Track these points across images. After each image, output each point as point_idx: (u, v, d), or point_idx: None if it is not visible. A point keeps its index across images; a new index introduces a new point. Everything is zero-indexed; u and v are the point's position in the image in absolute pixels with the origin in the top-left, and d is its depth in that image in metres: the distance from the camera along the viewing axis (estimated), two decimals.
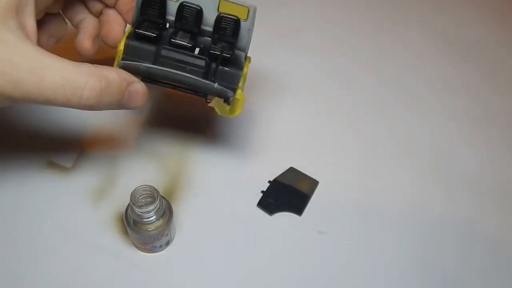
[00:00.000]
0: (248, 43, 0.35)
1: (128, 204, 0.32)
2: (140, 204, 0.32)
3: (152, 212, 0.32)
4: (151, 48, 0.33)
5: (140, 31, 0.32)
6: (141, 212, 0.31)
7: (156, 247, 0.35)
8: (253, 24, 0.34)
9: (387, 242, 0.40)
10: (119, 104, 0.30)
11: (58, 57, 0.26)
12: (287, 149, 0.45)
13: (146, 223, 0.32)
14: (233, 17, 0.33)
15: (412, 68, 0.56)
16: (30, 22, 0.27)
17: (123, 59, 0.32)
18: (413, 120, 0.50)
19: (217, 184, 0.41)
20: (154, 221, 0.32)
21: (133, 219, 0.33)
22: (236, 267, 0.37)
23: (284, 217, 0.40)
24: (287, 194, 0.41)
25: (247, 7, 0.33)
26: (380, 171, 0.45)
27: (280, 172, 0.42)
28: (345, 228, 0.40)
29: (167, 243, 0.36)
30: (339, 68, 0.54)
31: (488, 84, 0.56)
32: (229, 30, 0.33)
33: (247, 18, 0.33)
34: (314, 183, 0.42)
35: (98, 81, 0.27)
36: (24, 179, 0.39)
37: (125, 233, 0.36)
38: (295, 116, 0.48)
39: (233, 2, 0.33)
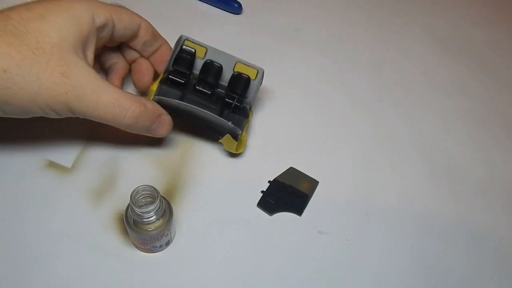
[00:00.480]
0: (254, 97, 0.42)
1: (128, 204, 0.32)
2: (140, 204, 0.32)
3: (152, 212, 0.32)
4: (177, 91, 0.41)
5: (172, 77, 0.41)
6: (141, 212, 0.31)
7: (156, 247, 0.35)
8: (261, 83, 0.42)
9: (387, 242, 0.40)
10: (148, 129, 0.37)
11: (111, 84, 0.34)
12: (287, 149, 0.45)
13: (146, 223, 0.32)
14: (245, 75, 0.41)
15: (412, 68, 0.56)
16: (90, 55, 0.35)
17: (156, 94, 0.40)
18: (413, 120, 0.50)
19: (217, 184, 0.41)
20: (154, 221, 0.32)
21: (133, 219, 0.33)
22: (236, 267, 0.37)
23: (284, 217, 0.40)
24: (287, 194, 0.41)
25: (256, 69, 0.41)
26: (380, 171, 0.45)
27: (280, 172, 0.43)
28: (345, 228, 0.40)
29: (167, 243, 0.36)
30: (340, 68, 0.54)
31: (489, 84, 0.56)
32: (241, 85, 0.41)
33: (255, 78, 0.41)
34: (314, 183, 0.42)
35: (139, 106, 0.35)
36: (24, 179, 0.39)
37: (125, 233, 0.36)
38: (295, 116, 0.48)
39: (246, 64, 0.41)
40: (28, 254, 0.35)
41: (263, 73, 0.41)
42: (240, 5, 0.59)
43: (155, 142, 0.43)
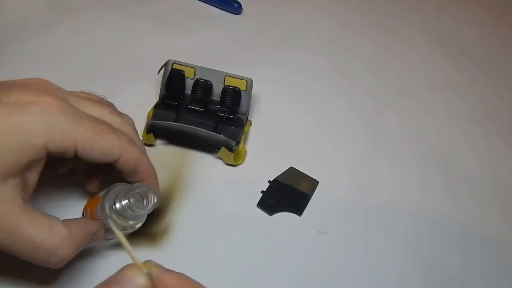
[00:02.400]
0: (248, 108, 0.43)
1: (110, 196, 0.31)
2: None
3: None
4: (172, 113, 0.43)
5: (165, 100, 0.43)
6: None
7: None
8: (251, 93, 0.43)
9: (387, 242, 0.40)
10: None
11: (39, 216, 0.28)
12: (287, 149, 0.45)
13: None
14: (235, 88, 0.42)
15: (413, 67, 0.56)
16: (33, 177, 0.28)
17: (152, 119, 0.42)
18: (414, 119, 0.50)
19: (217, 184, 0.41)
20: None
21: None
22: (236, 267, 0.36)
23: (284, 217, 0.40)
24: (287, 194, 0.41)
25: (246, 80, 0.42)
26: (380, 171, 0.45)
27: (280, 172, 0.42)
28: (345, 228, 0.40)
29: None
30: (340, 68, 0.55)
31: (486, 84, 0.56)
32: (232, 98, 0.43)
33: (246, 89, 0.42)
34: (314, 183, 0.42)
35: (69, 248, 0.28)
36: None
37: None
38: (295, 116, 0.48)
39: (234, 77, 0.42)
40: None
41: (252, 82, 0.42)
42: (240, 5, 0.59)
43: (155, 141, 0.43)
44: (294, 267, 0.37)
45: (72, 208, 0.37)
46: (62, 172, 0.35)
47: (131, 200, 0.31)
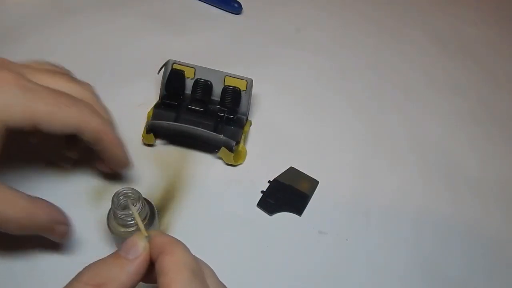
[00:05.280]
0: (248, 108, 0.43)
1: (110, 208, 0.32)
2: (121, 206, 0.32)
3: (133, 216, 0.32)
4: (172, 113, 0.43)
5: (165, 100, 0.43)
6: (122, 215, 0.31)
7: None
8: (251, 93, 0.43)
9: (387, 242, 0.40)
10: (40, 233, 0.31)
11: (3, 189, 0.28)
12: (287, 149, 0.45)
13: (127, 226, 0.32)
14: (235, 88, 0.42)
15: (411, 69, 0.56)
16: None
17: (152, 119, 0.42)
18: (414, 119, 0.50)
19: (216, 184, 0.41)
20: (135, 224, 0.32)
21: (113, 224, 0.32)
22: (236, 268, 0.36)
23: (284, 217, 0.40)
24: (287, 194, 0.41)
25: (246, 80, 0.42)
26: (381, 171, 0.45)
27: (280, 172, 0.42)
28: (345, 228, 0.40)
29: None
30: (340, 68, 0.54)
31: (486, 84, 0.56)
32: (232, 98, 0.43)
33: (246, 89, 0.42)
34: (314, 183, 0.42)
35: (25, 217, 0.29)
36: (24, 179, 0.39)
37: None
38: (295, 116, 0.48)
39: (234, 77, 0.42)
40: (27, 254, 0.35)
41: (252, 82, 0.42)
42: (240, 5, 0.59)
43: (155, 141, 0.43)
44: (294, 267, 0.37)
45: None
46: (34, 142, 0.36)
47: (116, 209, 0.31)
